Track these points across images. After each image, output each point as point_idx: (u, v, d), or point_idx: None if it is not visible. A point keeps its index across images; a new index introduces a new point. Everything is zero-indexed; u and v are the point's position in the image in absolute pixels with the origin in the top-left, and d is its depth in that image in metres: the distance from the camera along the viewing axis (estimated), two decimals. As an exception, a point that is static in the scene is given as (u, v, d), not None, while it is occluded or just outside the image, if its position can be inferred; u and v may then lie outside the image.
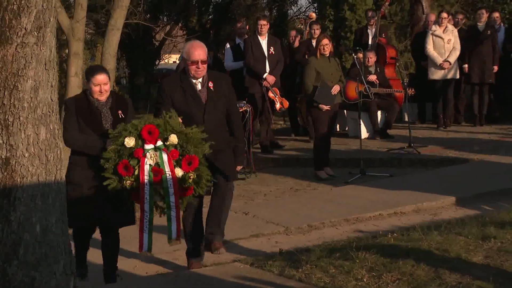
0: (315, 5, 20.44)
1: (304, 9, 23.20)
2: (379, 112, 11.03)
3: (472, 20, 12.78)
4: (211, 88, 5.42)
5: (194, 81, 5.39)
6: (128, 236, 5.63)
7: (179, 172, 4.76)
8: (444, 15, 11.48)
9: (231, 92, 5.61)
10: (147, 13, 19.43)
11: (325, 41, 8.54)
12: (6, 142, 3.59)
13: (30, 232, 3.62)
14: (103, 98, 5.13)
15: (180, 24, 23.18)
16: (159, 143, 4.75)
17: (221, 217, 5.60)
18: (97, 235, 5.30)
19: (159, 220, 4.96)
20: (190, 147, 4.80)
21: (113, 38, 7.78)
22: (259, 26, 10.32)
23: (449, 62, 11.23)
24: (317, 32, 10.99)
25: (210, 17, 21.81)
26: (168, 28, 24.04)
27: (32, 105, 3.61)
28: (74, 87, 7.62)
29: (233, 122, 5.62)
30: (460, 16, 12.14)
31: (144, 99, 19.92)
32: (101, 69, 5.34)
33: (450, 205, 7.06)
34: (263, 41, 10.21)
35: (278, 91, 10.15)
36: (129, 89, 20.75)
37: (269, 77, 9.98)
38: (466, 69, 11.40)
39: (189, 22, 21.75)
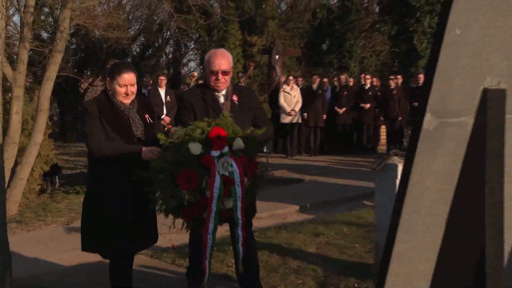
0: (201, 67, 20.53)
1: (193, 69, 23.36)
2: (245, 145, 11.15)
3: (309, 82, 13.32)
4: (235, 101, 3.56)
5: (216, 93, 3.51)
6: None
7: (246, 181, 2.98)
8: (291, 78, 11.96)
9: (256, 103, 3.74)
10: (75, 68, 18.73)
11: None
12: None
13: (-25, 235, 3.36)
14: (128, 101, 3.19)
15: (100, 77, 22.52)
16: (225, 148, 2.90)
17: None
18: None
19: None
20: (251, 151, 3.06)
21: (48, 86, 7.37)
22: (159, 80, 10.25)
23: (294, 110, 11.65)
24: (202, 87, 11.03)
25: (123, 72, 21.44)
26: (90, 79, 23.32)
27: (-21, 136, 3.37)
28: (16, 123, 7.13)
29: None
30: (300, 79, 12.65)
31: (70, 132, 19.47)
32: (129, 66, 3.23)
33: (294, 211, 7.16)
34: (162, 91, 10.12)
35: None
36: (60, 124, 20.07)
37: (166, 118, 9.85)
38: (306, 116, 11.85)
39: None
